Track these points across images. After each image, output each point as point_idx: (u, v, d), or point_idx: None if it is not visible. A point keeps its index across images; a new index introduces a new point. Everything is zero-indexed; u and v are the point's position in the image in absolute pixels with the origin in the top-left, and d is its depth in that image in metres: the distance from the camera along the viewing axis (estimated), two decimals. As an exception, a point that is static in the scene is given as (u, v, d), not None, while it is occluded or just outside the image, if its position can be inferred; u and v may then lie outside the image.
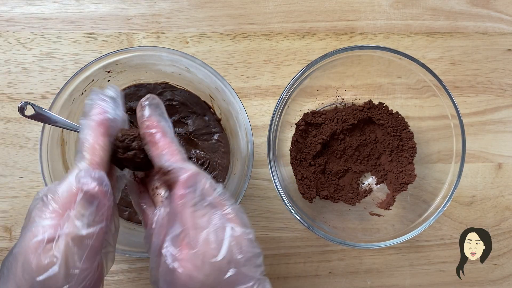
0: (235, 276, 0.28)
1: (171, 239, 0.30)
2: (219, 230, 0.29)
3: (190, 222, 0.29)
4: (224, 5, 0.53)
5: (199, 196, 0.30)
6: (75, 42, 0.52)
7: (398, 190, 0.50)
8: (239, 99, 0.43)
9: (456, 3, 0.56)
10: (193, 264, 0.28)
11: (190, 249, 0.28)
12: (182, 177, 0.31)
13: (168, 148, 0.32)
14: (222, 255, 0.28)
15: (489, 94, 0.56)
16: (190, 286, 0.28)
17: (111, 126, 0.32)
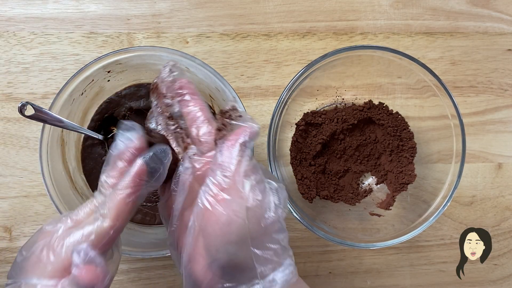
0: (275, 224, 0.29)
1: (212, 181, 0.29)
2: (260, 182, 0.30)
3: (238, 168, 0.29)
4: (224, 5, 0.53)
5: (250, 151, 0.30)
6: (75, 42, 0.52)
7: (398, 190, 0.50)
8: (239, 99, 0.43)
9: (456, 3, 0.56)
10: (235, 207, 0.28)
11: (236, 192, 0.28)
12: (246, 126, 0.30)
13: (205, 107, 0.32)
14: (266, 202, 0.29)
15: (489, 94, 0.56)
16: (228, 229, 0.28)
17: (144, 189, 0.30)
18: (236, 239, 0.28)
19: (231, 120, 0.31)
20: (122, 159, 0.30)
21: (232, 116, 0.32)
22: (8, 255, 0.51)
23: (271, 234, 0.30)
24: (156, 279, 0.51)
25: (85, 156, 0.49)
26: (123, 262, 0.51)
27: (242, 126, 0.31)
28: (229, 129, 0.31)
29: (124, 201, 0.29)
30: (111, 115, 0.49)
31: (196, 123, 0.32)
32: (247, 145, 0.30)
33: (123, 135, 0.30)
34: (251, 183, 0.29)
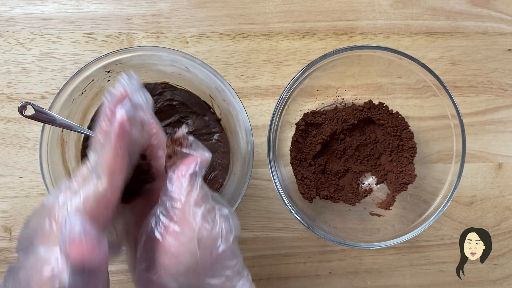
0: (226, 251, 0.29)
1: (162, 212, 0.29)
2: (211, 210, 0.30)
3: (188, 199, 0.29)
4: (224, 5, 0.53)
5: (201, 179, 0.30)
6: (75, 42, 0.52)
7: (398, 190, 0.50)
8: (239, 99, 0.43)
9: (456, 3, 0.56)
10: (184, 239, 0.28)
11: (185, 223, 0.29)
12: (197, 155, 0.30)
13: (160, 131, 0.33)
14: (216, 231, 0.29)
15: (489, 94, 0.56)
16: (177, 261, 0.28)
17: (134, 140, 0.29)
18: (185, 271, 0.28)
19: (181, 148, 0.31)
20: (106, 113, 0.29)
21: (183, 144, 0.31)
22: (8, 255, 0.51)
23: (223, 262, 0.30)
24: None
25: (85, 156, 0.49)
26: (123, 262, 0.51)
27: (192, 155, 0.30)
28: (179, 157, 0.31)
29: (113, 156, 0.27)
30: (111, 115, 0.49)
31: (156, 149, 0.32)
32: (197, 174, 0.30)
33: (109, 88, 0.30)
34: (202, 213, 0.29)
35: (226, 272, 0.30)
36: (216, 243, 0.29)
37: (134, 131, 0.28)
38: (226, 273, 0.30)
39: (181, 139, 0.31)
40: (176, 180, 0.29)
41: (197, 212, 0.29)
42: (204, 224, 0.29)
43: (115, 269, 0.51)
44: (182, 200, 0.29)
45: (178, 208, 0.29)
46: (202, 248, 0.28)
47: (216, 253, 0.29)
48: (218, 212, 0.30)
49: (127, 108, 0.28)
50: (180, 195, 0.29)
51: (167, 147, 0.31)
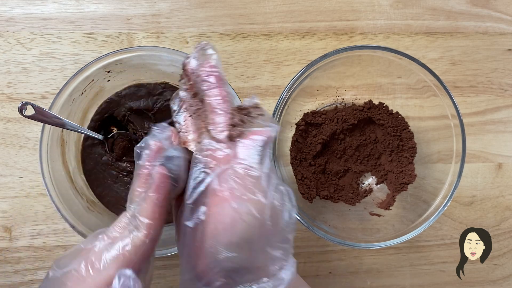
0: (291, 225, 0.30)
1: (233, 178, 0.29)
2: (279, 184, 0.31)
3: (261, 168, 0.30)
4: (224, 5, 0.53)
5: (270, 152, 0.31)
6: (75, 42, 0.52)
7: (398, 190, 0.50)
8: (239, 99, 0.43)
9: (456, 3, 0.56)
10: (261, 204, 0.29)
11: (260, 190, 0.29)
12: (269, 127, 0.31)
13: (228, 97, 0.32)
14: (284, 203, 0.30)
15: (489, 94, 0.56)
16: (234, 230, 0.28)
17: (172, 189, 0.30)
18: (249, 237, 0.28)
19: (251, 118, 0.31)
20: (145, 167, 0.30)
21: (252, 113, 0.31)
22: (8, 255, 0.51)
23: (285, 234, 0.30)
24: (156, 279, 0.51)
25: (85, 156, 0.49)
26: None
27: (264, 125, 0.31)
28: (247, 126, 0.31)
29: (153, 207, 0.29)
30: (111, 115, 0.49)
31: (215, 112, 0.32)
32: (269, 144, 0.31)
33: (144, 142, 0.31)
34: (275, 183, 0.30)
35: (286, 245, 0.30)
36: (284, 214, 0.30)
37: (171, 182, 0.30)
38: (285, 245, 0.30)
39: (251, 108, 0.31)
40: (248, 147, 0.30)
41: (270, 182, 0.30)
42: (276, 194, 0.30)
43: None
44: (256, 167, 0.29)
45: (253, 176, 0.29)
46: (272, 217, 0.29)
47: (283, 224, 0.30)
48: (282, 188, 0.31)
49: (164, 161, 0.30)
50: (252, 162, 0.29)
51: (232, 115, 0.31)
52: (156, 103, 0.49)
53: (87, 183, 0.49)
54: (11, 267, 0.51)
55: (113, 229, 0.29)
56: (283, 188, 0.31)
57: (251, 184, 0.29)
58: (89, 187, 0.49)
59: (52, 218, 0.51)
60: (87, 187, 0.49)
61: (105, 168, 0.49)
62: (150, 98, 0.49)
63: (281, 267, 0.30)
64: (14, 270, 0.51)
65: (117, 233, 0.29)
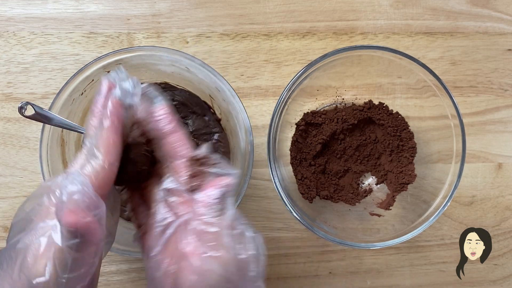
0: (259, 274, 0.29)
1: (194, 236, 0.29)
2: (242, 233, 0.30)
3: (222, 222, 0.29)
4: (224, 5, 0.53)
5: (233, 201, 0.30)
6: (75, 42, 0.52)
7: (398, 190, 0.50)
8: (239, 99, 0.43)
9: (456, 3, 0.56)
10: (224, 261, 0.28)
11: (221, 247, 0.28)
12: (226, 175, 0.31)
13: (186, 141, 0.32)
14: (250, 254, 0.29)
15: (489, 94, 0.56)
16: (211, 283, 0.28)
17: (125, 120, 0.31)
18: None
19: (207, 167, 0.30)
20: (100, 100, 0.31)
21: (207, 163, 0.31)
22: (8, 255, 0.51)
23: (254, 283, 0.29)
24: (156, 279, 0.51)
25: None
26: (123, 262, 0.51)
27: (222, 174, 0.30)
28: (205, 177, 0.30)
29: (107, 135, 0.29)
30: (111, 115, 0.49)
31: (175, 159, 0.31)
32: (228, 195, 0.30)
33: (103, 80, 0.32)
34: (237, 236, 0.29)
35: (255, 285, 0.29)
36: (250, 266, 0.29)
37: (124, 113, 0.31)
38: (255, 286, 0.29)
39: (204, 159, 0.31)
40: (206, 203, 0.29)
41: (233, 234, 0.29)
42: (239, 247, 0.29)
43: (115, 269, 0.51)
44: (216, 223, 0.29)
45: (212, 232, 0.28)
46: (238, 270, 0.28)
47: (250, 274, 0.29)
48: (248, 235, 0.30)
49: (117, 92, 0.30)
50: (213, 218, 0.29)
51: (188, 167, 0.31)
52: (156, 103, 0.49)
53: (87, 183, 0.49)
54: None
55: (71, 165, 0.29)
56: (249, 235, 0.30)
57: (212, 240, 0.28)
58: (89, 187, 0.49)
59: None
60: (87, 187, 0.49)
61: (105, 168, 0.49)
62: (150, 98, 0.49)
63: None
64: (14, 270, 0.51)
65: (77, 165, 0.29)
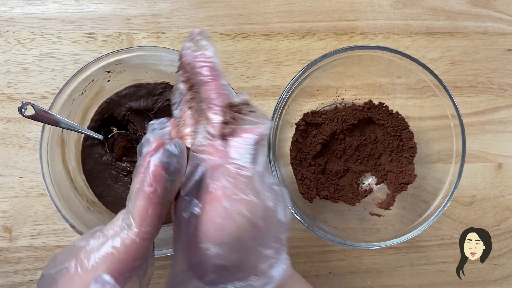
0: (284, 224, 0.30)
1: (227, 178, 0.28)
2: (273, 183, 0.30)
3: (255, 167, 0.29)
4: (224, 5, 0.53)
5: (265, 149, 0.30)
6: (75, 42, 0.52)
7: (398, 190, 0.50)
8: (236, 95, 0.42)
9: (456, 3, 0.56)
10: (254, 204, 0.28)
11: (253, 190, 0.28)
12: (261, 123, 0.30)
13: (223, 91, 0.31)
14: (278, 202, 0.29)
15: (489, 94, 0.56)
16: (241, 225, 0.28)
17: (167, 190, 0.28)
18: (240, 236, 0.28)
19: (242, 115, 0.30)
20: (142, 164, 0.29)
21: (243, 110, 0.30)
22: (8, 255, 0.51)
23: (277, 234, 0.30)
24: (156, 279, 0.51)
25: (85, 156, 0.49)
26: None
27: (256, 122, 0.30)
28: (239, 124, 0.30)
29: (145, 203, 0.27)
30: (111, 115, 0.49)
31: (209, 107, 0.31)
32: (262, 142, 0.30)
33: (144, 138, 0.30)
34: (268, 183, 0.29)
35: (277, 244, 0.30)
36: (277, 214, 0.29)
37: (168, 179, 0.28)
38: (277, 245, 0.30)
39: (241, 105, 0.30)
40: (240, 147, 0.29)
41: (263, 182, 0.29)
42: (269, 194, 0.29)
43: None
44: (249, 167, 0.28)
45: (244, 176, 0.28)
46: (264, 217, 0.28)
47: (277, 224, 0.29)
48: (276, 188, 0.30)
49: (160, 156, 0.28)
50: (245, 162, 0.28)
51: (224, 113, 0.30)
52: (156, 103, 0.49)
53: (87, 183, 0.49)
54: (11, 267, 0.51)
55: (109, 227, 0.28)
56: (278, 188, 0.30)
57: (243, 184, 0.28)
58: (89, 187, 0.49)
59: (52, 218, 0.51)
60: (87, 187, 0.49)
61: (105, 168, 0.49)
62: (150, 98, 0.49)
63: (271, 266, 0.29)
64: (14, 270, 0.51)
65: (112, 231, 0.28)
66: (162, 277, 0.51)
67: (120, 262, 0.27)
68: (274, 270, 0.29)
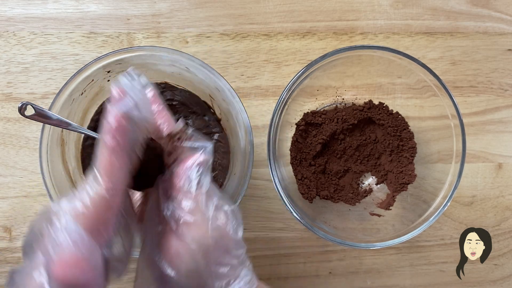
0: (236, 241, 0.30)
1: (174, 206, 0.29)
2: (220, 204, 0.30)
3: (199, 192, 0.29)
4: (224, 5, 0.53)
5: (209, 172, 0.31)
6: (75, 42, 0.52)
7: (398, 190, 0.50)
8: (239, 99, 0.42)
9: (456, 3, 0.56)
10: (202, 227, 0.28)
11: (199, 214, 0.29)
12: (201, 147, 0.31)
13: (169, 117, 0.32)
14: (227, 221, 0.30)
15: (489, 94, 0.56)
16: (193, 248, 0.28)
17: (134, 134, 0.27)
18: (194, 260, 0.28)
19: (181, 142, 0.31)
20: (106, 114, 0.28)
21: (182, 138, 0.31)
22: (8, 255, 0.51)
23: (231, 251, 0.30)
24: (156, 279, 0.51)
25: (85, 156, 0.49)
26: (123, 262, 0.51)
27: (196, 148, 0.31)
28: (180, 152, 0.31)
29: (109, 156, 0.26)
30: (111, 115, 0.49)
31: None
32: (203, 166, 0.30)
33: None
34: (214, 204, 0.30)
35: (233, 261, 0.30)
36: (227, 233, 0.30)
37: (132, 128, 0.27)
38: (232, 262, 0.30)
39: (179, 134, 0.31)
40: (182, 174, 0.29)
41: (209, 203, 0.29)
42: (217, 215, 0.29)
43: (115, 269, 0.51)
44: (193, 192, 0.29)
45: (191, 200, 0.29)
46: (215, 237, 0.29)
47: (227, 243, 0.30)
48: (226, 206, 0.31)
49: (121, 106, 0.26)
50: (190, 187, 0.29)
51: (165, 144, 0.31)
52: (156, 103, 0.49)
53: (87, 183, 0.49)
54: (11, 267, 0.51)
55: (79, 187, 0.27)
56: (227, 208, 0.31)
57: (188, 207, 0.29)
58: (89, 187, 0.49)
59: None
60: (87, 187, 0.48)
61: (105, 168, 0.49)
62: (150, 98, 0.49)
63: (228, 284, 0.30)
64: (14, 270, 0.51)
65: (81, 189, 0.26)
66: (162, 277, 0.51)
67: (89, 219, 0.26)
68: (233, 286, 0.30)
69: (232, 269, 0.30)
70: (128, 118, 0.26)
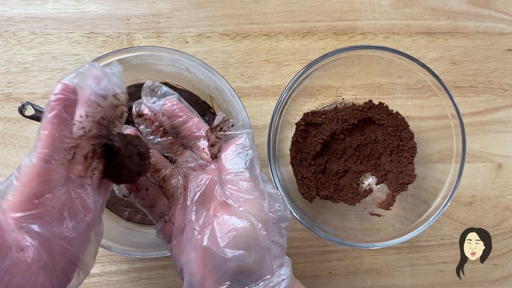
0: (286, 216, 0.32)
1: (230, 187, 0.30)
2: (269, 182, 0.32)
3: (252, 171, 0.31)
4: (224, 5, 0.53)
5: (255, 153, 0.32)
6: (75, 42, 0.52)
7: (398, 190, 0.50)
8: (239, 99, 0.43)
9: (456, 3, 0.56)
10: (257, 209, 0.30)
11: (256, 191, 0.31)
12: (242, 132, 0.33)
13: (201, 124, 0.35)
14: (279, 198, 0.32)
15: (489, 94, 0.56)
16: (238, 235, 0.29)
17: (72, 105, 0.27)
18: (245, 244, 0.29)
19: (224, 132, 0.33)
20: None
21: (223, 128, 0.33)
22: (8, 255, 0.51)
23: (282, 231, 0.31)
24: (156, 279, 0.51)
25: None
26: (123, 262, 0.51)
27: (237, 134, 0.33)
28: (223, 141, 0.33)
29: (45, 124, 0.26)
30: (111, 115, 0.49)
31: (197, 139, 0.34)
32: (249, 147, 0.32)
33: None
34: (267, 184, 0.31)
35: (283, 242, 0.31)
36: (281, 211, 0.31)
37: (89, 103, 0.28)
38: (282, 242, 0.31)
39: (222, 124, 0.33)
40: (231, 157, 0.31)
41: (264, 180, 0.31)
42: (271, 191, 0.31)
43: (115, 269, 0.51)
44: (246, 173, 0.30)
45: (246, 178, 0.30)
46: (271, 211, 0.30)
47: (280, 221, 0.31)
48: (274, 189, 0.32)
49: (70, 76, 0.27)
50: (241, 168, 0.31)
51: (208, 137, 0.33)
52: (156, 103, 0.49)
53: (87, 183, 0.49)
54: None
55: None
56: (274, 191, 0.32)
57: (245, 186, 0.30)
58: (89, 187, 0.49)
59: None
60: (87, 187, 0.48)
61: (105, 168, 0.49)
62: (150, 98, 0.49)
63: (281, 264, 0.30)
64: (14, 270, 0.51)
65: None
66: (162, 277, 0.51)
67: (24, 186, 0.25)
68: (284, 269, 0.30)
69: (282, 251, 0.31)
70: (72, 90, 0.26)
